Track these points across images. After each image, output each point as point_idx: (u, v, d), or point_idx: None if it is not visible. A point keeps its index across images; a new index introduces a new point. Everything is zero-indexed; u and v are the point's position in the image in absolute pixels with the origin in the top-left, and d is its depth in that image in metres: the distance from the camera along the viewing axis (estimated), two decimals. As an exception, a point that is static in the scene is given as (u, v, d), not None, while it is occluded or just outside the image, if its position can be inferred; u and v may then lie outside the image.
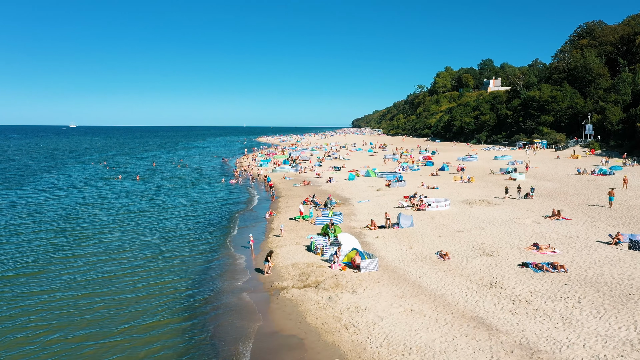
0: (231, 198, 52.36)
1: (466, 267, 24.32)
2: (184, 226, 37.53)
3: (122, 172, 79.93)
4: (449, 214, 38.32)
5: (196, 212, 43.87)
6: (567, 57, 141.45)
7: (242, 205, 47.72)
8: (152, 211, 43.69)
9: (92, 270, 26.80)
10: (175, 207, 45.82)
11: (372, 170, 66.51)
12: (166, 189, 59.25)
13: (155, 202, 48.78)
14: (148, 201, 49.56)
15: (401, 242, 29.95)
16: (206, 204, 48.52)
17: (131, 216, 41.52)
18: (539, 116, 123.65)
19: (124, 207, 46.08)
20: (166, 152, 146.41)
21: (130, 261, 28.40)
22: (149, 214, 42.30)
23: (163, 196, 53.20)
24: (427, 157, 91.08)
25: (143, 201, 49.81)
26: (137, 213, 42.94)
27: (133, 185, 63.64)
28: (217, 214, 43.57)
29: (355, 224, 36.35)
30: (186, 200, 50.23)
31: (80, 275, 26.05)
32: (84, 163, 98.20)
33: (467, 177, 59.55)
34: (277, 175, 70.47)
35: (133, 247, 31.41)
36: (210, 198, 52.26)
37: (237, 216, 42.26)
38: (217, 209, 45.71)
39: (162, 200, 50.51)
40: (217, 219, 40.79)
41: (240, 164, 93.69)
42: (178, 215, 41.82)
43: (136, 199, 50.95)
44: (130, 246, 31.69)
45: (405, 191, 51.40)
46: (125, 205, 46.77)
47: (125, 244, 32.41)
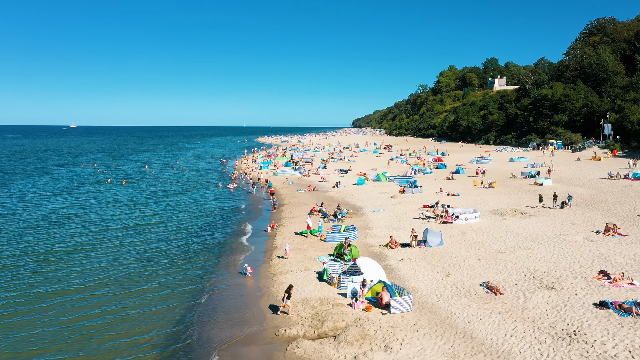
0: (228, 207, 46.85)
1: (526, 306, 18.93)
2: (171, 248, 31.17)
3: (113, 176, 74.52)
4: (481, 228, 32.93)
5: (188, 226, 38.08)
6: (579, 54, 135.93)
7: (240, 216, 42.22)
8: (137, 226, 37.62)
9: (40, 314, 21.16)
10: (165, 221, 39.89)
11: (383, 174, 61.14)
12: (158, 196, 53.75)
13: (143, 213, 43.13)
14: (135, 212, 43.92)
15: (433, 267, 24.55)
16: (200, 215, 42.84)
17: (111, 233, 35.37)
18: (551, 116, 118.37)
19: (105, 220, 40.07)
20: (163, 153, 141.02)
21: (98, 299, 22.34)
22: (133, 230, 36.26)
23: (153, 205, 47.58)
24: (437, 159, 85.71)
25: (129, 211, 44.25)
26: (118, 229, 36.68)
27: (122, 191, 58.19)
28: (211, 228, 38.10)
29: (371, 240, 30.97)
30: (178, 211, 44.49)
31: (24, 320, 20.60)
32: (74, 165, 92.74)
33: (488, 181, 54.17)
34: (279, 179, 65.10)
35: (105, 278, 25.66)
36: (206, 207, 46.78)
37: (234, 230, 36.85)
38: (212, 221, 40.11)
39: (151, 210, 44.70)
40: (211, 235, 35.29)
41: (240, 167, 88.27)
42: (166, 232, 35.94)
43: (122, 209, 45.24)
44: (102, 276, 25.93)
45: (423, 199, 46.02)
46: (107, 218, 40.70)
47: (95, 271, 26.63)
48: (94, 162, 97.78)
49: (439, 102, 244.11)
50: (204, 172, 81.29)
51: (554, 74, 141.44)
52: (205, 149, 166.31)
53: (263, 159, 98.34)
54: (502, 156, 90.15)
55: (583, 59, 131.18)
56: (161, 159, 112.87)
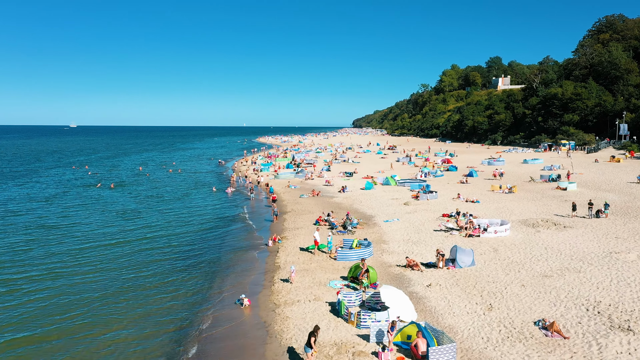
0: (225, 216, 42.49)
1: (604, 358, 14.73)
2: (155, 270, 26.46)
3: (104, 179, 70.28)
4: (514, 242, 28.71)
5: (178, 240, 33.56)
6: (589, 51, 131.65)
7: (237, 227, 37.90)
8: (121, 242, 32.68)
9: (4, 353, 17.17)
10: (152, 234, 35.26)
11: (392, 178, 56.89)
12: (149, 202, 49.44)
13: (129, 224, 38.55)
14: (121, 222, 39.35)
15: (469, 296, 20.35)
16: (193, 226, 38.29)
17: (89, 253, 30.30)
18: (562, 115, 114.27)
19: (86, 234, 35.22)
20: (160, 153, 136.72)
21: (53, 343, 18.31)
22: (115, 248, 31.25)
23: (142, 214, 43.15)
24: (447, 161, 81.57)
25: (115, 221, 39.81)
26: (98, 246, 31.61)
27: (111, 196, 53.91)
28: (204, 242, 33.80)
29: (389, 258, 26.76)
30: (169, 221, 39.84)
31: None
32: (65, 167, 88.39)
33: (508, 186, 49.94)
34: (280, 183, 60.87)
35: (79, 307, 21.65)
36: (200, 216, 42.43)
37: (230, 244, 32.62)
38: (206, 234, 35.66)
39: (139, 220, 40.12)
40: (203, 251, 30.95)
41: (238, 169, 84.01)
42: (152, 248, 31.25)
43: (108, 219, 40.66)
44: (76, 305, 21.86)
45: (439, 206, 41.80)
46: (89, 231, 35.94)
47: (65, 300, 22.53)
48: (86, 164, 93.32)
49: (442, 102, 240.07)
50: (201, 175, 77.07)
51: (562, 73, 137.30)
52: (204, 149, 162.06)
53: (263, 161, 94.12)
54: (514, 157, 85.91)
55: (593, 57, 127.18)
56: (157, 160, 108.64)
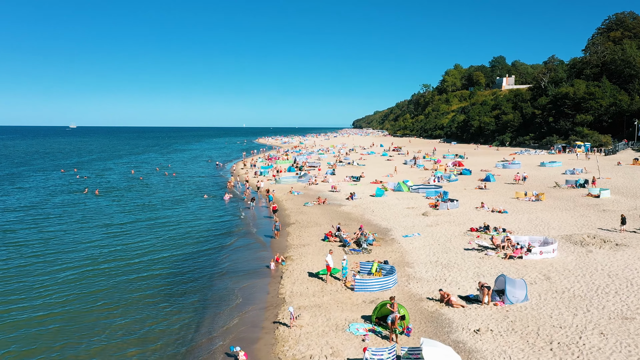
0: (221, 229, 37.21)
1: None
2: (129, 307, 21.63)
3: (93, 184, 65.48)
4: (567, 267, 23.92)
5: (163, 262, 28.34)
6: (601, 49, 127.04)
7: (234, 244, 32.66)
8: (96, 265, 27.63)
9: None
10: (134, 254, 29.91)
11: (404, 183, 52.12)
12: (137, 212, 44.48)
13: (110, 240, 33.14)
14: (102, 237, 34.05)
15: (535, 351, 15.52)
16: (183, 242, 33.09)
17: (57, 276, 25.55)
18: (574, 115, 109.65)
19: (59, 252, 30.14)
20: (156, 155, 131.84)
21: None
22: (88, 272, 26.19)
23: (126, 227, 37.68)
24: (458, 163, 76.84)
25: (95, 236, 34.61)
26: (70, 268, 26.63)
27: (95, 205, 48.93)
28: (194, 263, 28.96)
29: (418, 287, 21.98)
30: (155, 237, 34.34)
31: None
32: (53, 170, 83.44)
33: (534, 192, 45.20)
34: (282, 188, 56.06)
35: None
36: (192, 229, 37.33)
37: (224, 268, 27.77)
38: (197, 253, 30.49)
39: (121, 237, 34.53)
40: (191, 277, 26.02)
41: (237, 172, 79.18)
42: (132, 273, 26.22)
43: (85, 235, 35.13)
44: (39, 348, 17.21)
45: (463, 216, 37.03)
46: (62, 250, 30.70)
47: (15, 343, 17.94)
48: (75, 167, 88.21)
49: (445, 102, 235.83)
50: (197, 179, 72.24)
51: (572, 72, 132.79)
52: (202, 150, 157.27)
53: (263, 163, 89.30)
54: (529, 160, 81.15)
55: (605, 55, 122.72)
56: (153, 162, 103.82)
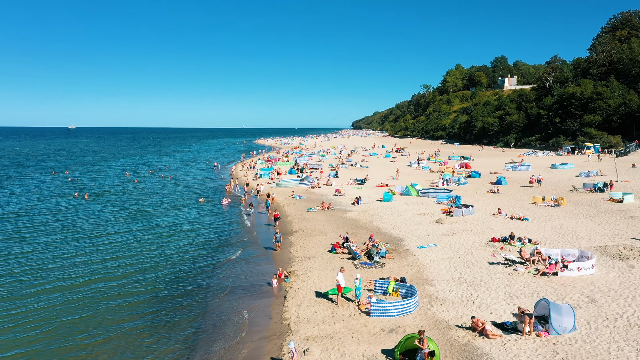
0: (217, 239, 34.04)
1: None
2: (109, 328, 19.28)
3: (85, 187, 62.50)
4: (611, 286, 20.99)
5: (151, 280, 25.24)
6: (607, 49, 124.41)
7: (232, 257, 29.33)
8: (81, 282, 24.80)
9: None
10: (120, 270, 26.73)
11: (412, 187, 49.22)
12: (129, 220, 41.26)
13: (93, 254, 29.95)
14: (87, 249, 30.88)
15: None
16: (175, 255, 30.05)
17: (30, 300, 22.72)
18: (581, 116, 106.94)
19: (33, 268, 27.07)
20: (153, 157, 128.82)
21: None
22: (67, 293, 23.35)
23: (114, 237, 34.53)
24: (465, 165, 73.96)
25: (78, 247, 31.57)
26: (47, 296, 22.68)
27: (84, 211, 45.98)
28: (186, 280, 26.11)
29: (442, 311, 19.07)
30: (145, 250, 31.26)
31: None
32: (44, 172, 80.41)
33: (552, 197, 42.32)
34: (283, 192, 53.15)
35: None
36: (186, 239, 34.27)
37: (220, 286, 24.85)
38: (191, 267, 27.48)
39: (107, 249, 31.45)
40: (184, 300, 23.11)
41: (236, 174, 76.22)
42: (116, 292, 23.43)
43: (74, 246, 32.05)
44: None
45: (481, 224, 34.13)
46: (38, 265, 27.55)
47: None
48: (67, 169, 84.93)
49: (446, 103, 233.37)
50: (194, 182, 69.27)
51: (578, 71, 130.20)
52: (201, 152, 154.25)
53: (263, 165, 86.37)
54: (538, 161, 78.28)
55: (612, 54, 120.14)
56: (149, 164, 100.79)
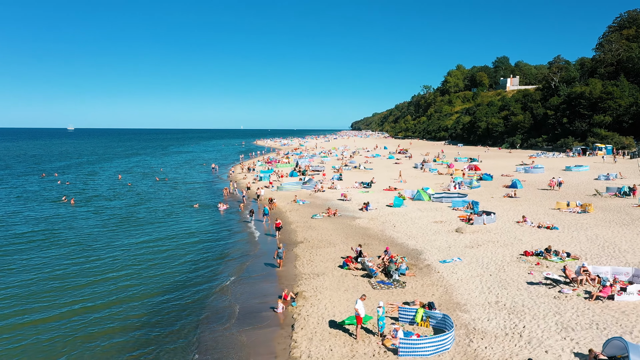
0: (212, 254, 30.26)
1: None
2: None
3: (74, 191, 59.04)
4: (679, 313, 17.65)
5: (134, 306, 21.60)
6: (615, 47, 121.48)
7: (230, 276, 25.65)
8: (53, 309, 21.31)
9: None
10: (99, 293, 23.12)
11: (424, 191, 45.86)
12: (117, 229, 37.41)
13: (77, 275, 25.95)
14: (64, 265, 27.23)
15: None
16: (165, 273, 26.19)
17: None
18: (590, 116, 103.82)
19: (11, 284, 23.75)
20: (149, 158, 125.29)
21: None
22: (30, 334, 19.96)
23: (98, 250, 30.65)
24: (474, 167, 70.72)
25: (59, 265, 27.88)
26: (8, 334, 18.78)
27: (69, 218, 42.47)
28: (178, 304, 22.68)
29: (484, 349, 15.63)
30: (131, 266, 27.39)
31: None
32: (33, 175, 76.85)
33: (578, 203, 38.96)
34: (285, 196, 49.73)
35: None
36: (179, 253, 30.73)
37: (217, 311, 21.39)
38: (182, 288, 23.92)
39: (94, 265, 27.69)
40: (173, 331, 19.75)
41: (234, 177, 72.76)
42: (91, 323, 19.98)
43: (51, 261, 28.26)
44: None
45: (507, 234, 30.74)
46: (8, 287, 23.78)
47: None
48: (57, 172, 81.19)
49: (448, 103, 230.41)
50: (191, 185, 65.78)
51: (585, 71, 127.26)
52: (199, 153, 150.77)
53: (262, 167, 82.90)
54: (550, 163, 74.97)
55: (620, 53, 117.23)
56: (144, 166, 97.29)
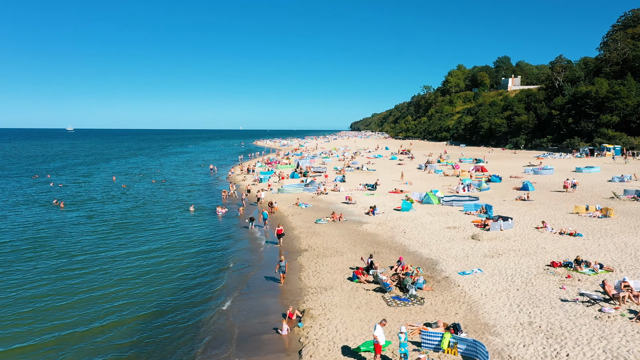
0: (208, 266, 27.73)
1: None
2: None
3: (67, 193, 56.76)
4: None
5: (124, 333, 19.28)
6: (621, 46, 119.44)
7: (228, 292, 23.40)
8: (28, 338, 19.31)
9: None
10: (87, 318, 20.66)
11: (433, 194, 43.61)
12: (106, 236, 34.86)
13: (58, 292, 23.58)
14: (44, 280, 24.91)
15: None
16: (156, 290, 23.60)
17: None
18: (597, 116, 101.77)
19: None
20: (147, 159, 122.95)
21: None
22: None
23: (87, 264, 28.35)
24: (481, 168, 68.56)
25: (40, 279, 25.60)
26: None
27: (62, 223, 40.21)
28: (169, 325, 20.44)
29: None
30: (123, 277, 25.27)
31: None
32: (25, 176, 74.53)
33: (597, 207, 36.75)
34: (286, 199, 47.50)
35: None
36: (173, 264, 28.43)
37: (211, 339, 19.10)
38: (174, 308, 21.72)
39: (77, 281, 25.16)
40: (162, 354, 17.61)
41: (233, 179, 70.47)
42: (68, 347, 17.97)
43: (31, 274, 25.93)
44: None
45: (527, 241, 28.50)
46: None
47: None
48: (49, 173, 78.73)
49: (449, 103, 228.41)
50: (188, 187, 63.49)
51: (590, 70, 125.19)
52: (198, 153, 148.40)
53: (262, 168, 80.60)
54: (559, 164, 72.75)
55: (626, 52, 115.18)
56: (142, 167, 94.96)
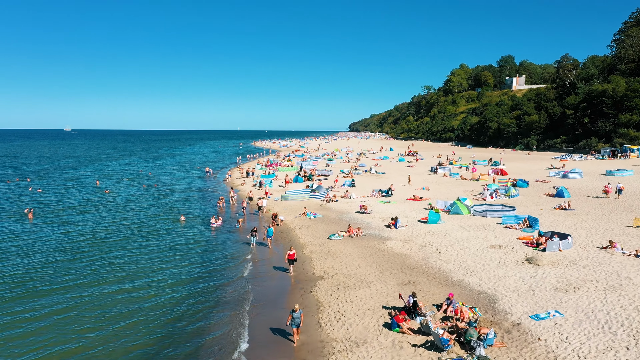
0: (199, 300, 21.78)
1: None
2: None
3: (44, 200, 50.82)
4: None
5: None
6: (637, 43, 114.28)
7: (224, 346, 18.28)
8: None
9: None
10: None
11: (461, 202, 37.83)
12: (79, 251, 29.47)
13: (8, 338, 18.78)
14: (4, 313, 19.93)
15: None
16: (133, 339, 18.11)
17: None
18: (615, 115, 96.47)
19: None
20: (140, 160, 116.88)
21: None
22: None
23: (47, 296, 22.80)
24: (500, 171, 62.96)
25: None
26: None
27: (27, 238, 34.38)
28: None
29: None
30: (89, 317, 19.67)
31: None
32: (7, 180, 68.34)
33: (661, 219, 31.09)
34: (291, 208, 41.67)
35: None
36: (155, 298, 22.66)
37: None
38: None
39: (32, 320, 19.83)
40: None
41: (232, 183, 64.54)
42: None
43: None
44: None
45: (602, 266, 22.75)
46: None
47: None
48: (29, 177, 72.49)
49: (452, 103, 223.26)
50: (181, 193, 57.54)
51: (605, 68, 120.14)
52: (194, 155, 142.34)
53: (263, 171, 74.68)
54: (584, 167, 67.01)
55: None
56: (133, 170, 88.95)
